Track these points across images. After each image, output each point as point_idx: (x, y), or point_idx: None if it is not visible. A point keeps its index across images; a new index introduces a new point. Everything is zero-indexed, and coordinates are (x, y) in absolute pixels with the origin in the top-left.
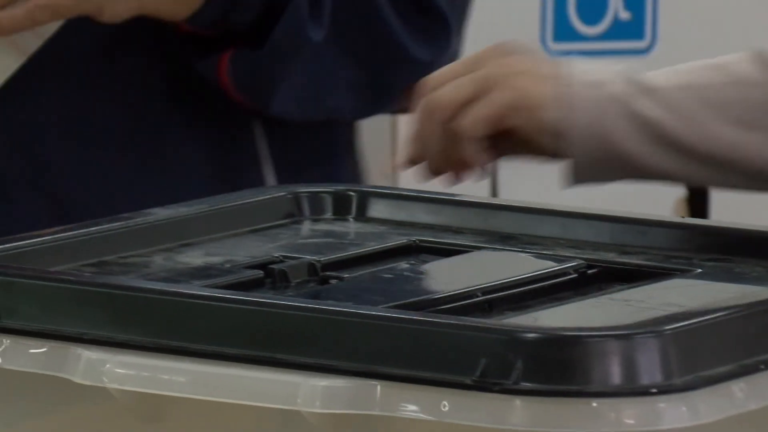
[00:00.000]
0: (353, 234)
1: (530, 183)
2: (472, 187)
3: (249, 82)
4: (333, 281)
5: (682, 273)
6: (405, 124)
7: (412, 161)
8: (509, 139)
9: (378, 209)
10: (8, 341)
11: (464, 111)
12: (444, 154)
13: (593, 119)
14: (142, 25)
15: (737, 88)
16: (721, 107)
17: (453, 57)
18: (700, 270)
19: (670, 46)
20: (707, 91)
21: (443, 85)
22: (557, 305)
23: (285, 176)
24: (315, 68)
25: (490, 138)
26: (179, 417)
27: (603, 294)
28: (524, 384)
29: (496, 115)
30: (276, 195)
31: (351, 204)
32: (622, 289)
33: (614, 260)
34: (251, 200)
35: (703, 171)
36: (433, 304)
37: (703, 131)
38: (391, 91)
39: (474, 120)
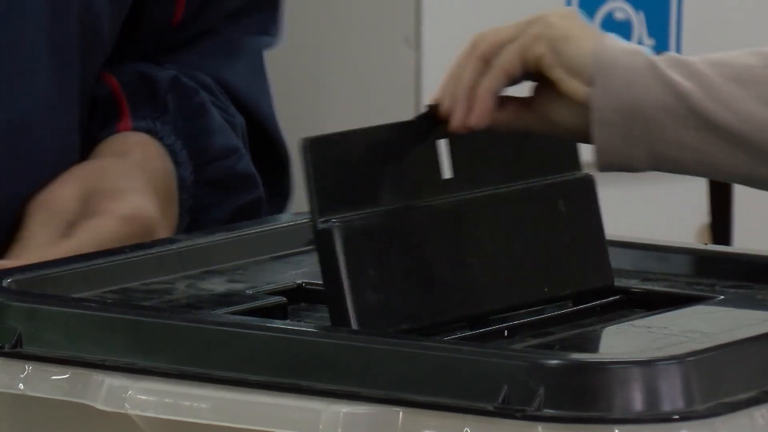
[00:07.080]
0: None
1: None
2: None
3: None
4: None
5: (705, 300)
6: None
7: (438, 100)
8: (540, 99)
9: None
10: (30, 367)
11: (504, 47)
12: (471, 91)
13: (626, 82)
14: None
15: None
16: (754, 85)
17: None
18: (722, 297)
19: None
20: (741, 69)
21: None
22: (579, 332)
23: None
24: None
25: (520, 101)
26: None
27: (625, 321)
28: (546, 410)
29: (528, 44)
30: (298, 221)
31: None
32: (645, 316)
33: (636, 287)
34: (274, 227)
35: (731, 153)
36: (453, 329)
37: (733, 108)
38: None
39: (509, 53)
